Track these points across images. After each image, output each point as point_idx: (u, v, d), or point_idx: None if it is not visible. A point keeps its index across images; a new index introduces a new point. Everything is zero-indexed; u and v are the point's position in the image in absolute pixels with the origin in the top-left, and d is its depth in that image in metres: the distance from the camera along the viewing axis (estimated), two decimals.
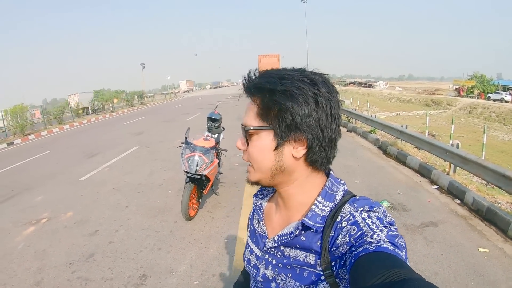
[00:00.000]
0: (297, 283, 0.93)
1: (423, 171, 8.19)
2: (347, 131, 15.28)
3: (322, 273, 0.88)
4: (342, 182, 0.99)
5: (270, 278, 1.01)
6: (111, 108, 34.98)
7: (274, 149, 0.89)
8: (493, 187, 7.59)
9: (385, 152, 10.80)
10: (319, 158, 0.91)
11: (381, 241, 0.75)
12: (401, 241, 0.78)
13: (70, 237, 5.60)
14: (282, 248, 0.98)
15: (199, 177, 5.45)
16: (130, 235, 5.47)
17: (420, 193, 6.87)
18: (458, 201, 6.43)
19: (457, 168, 7.78)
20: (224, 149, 6.33)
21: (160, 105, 40.42)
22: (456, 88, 54.50)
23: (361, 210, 0.86)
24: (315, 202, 0.93)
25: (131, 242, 5.25)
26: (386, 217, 0.85)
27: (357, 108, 24.11)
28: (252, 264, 1.10)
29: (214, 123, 7.53)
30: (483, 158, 8.17)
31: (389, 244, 0.74)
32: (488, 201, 5.94)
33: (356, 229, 0.82)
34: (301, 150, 0.89)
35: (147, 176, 8.63)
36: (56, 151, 13.83)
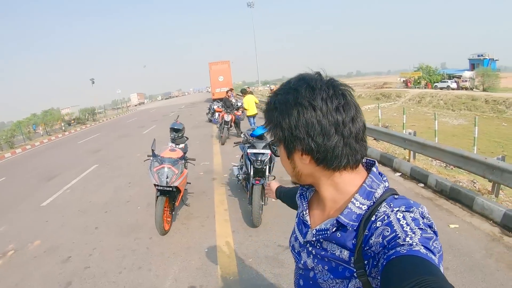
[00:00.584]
0: (331, 276, 0.95)
1: (385, 161, 8.41)
2: None
3: (355, 270, 0.89)
4: (385, 178, 0.98)
5: (310, 267, 1.04)
6: (63, 128, 33.80)
7: (288, 158, 0.99)
8: (452, 168, 7.91)
9: None
10: (331, 161, 0.91)
11: (414, 244, 0.74)
12: (436, 243, 0.77)
13: (42, 267, 5.17)
14: (321, 240, 1.00)
15: (170, 189, 5.33)
16: (105, 258, 5.16)
17: None
18: (422, 185, 6.65)
19: (417, 154, 8.06)
20: (192, 159, 6.21)
21: (114, 120, 39.15)
22: (403, 80, 56.09)
23: (397, 211, 0.85)
24: (352, 199, 0.93)
25: (108, 264, 4.95)
26: (423, 218, 0.83)
27: None
28: (296, 251, 1.14)
29: (177, 133, 7.47)
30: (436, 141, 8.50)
31: (422, 247, 0.73)
32: (450, 181, 6.21)
33: (389, 230, 0.81)
34: (305, 158, 0.93)
35: (112, 194, 8.33)
36: (11, 177, 13.08)
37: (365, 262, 0.86)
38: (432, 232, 0.80)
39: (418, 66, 54.03)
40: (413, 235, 0.76)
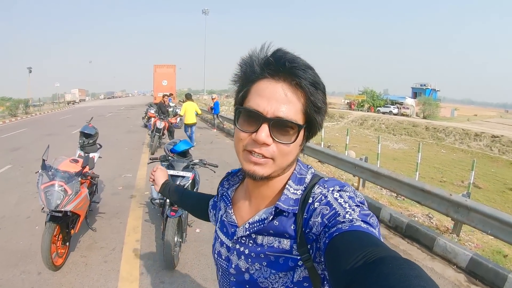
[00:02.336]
0: (273, 271, 0.92)
1: None
2: None
3: (299, 257, 0.88)
4: (310, 166, 1.02)
5: (243, 270, 0.99)
6: None
7: (300, 144, 0.93)
8: (403, 199, 7.23)
9: None
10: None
11: (354, 220, 0.75)
12: (373, 219, 0.78)
13: None
14: (254, 236, 0.97)
15: (61, 214, 4.08)
16: None
17: None
18: None
19: (366, 181, 7.41)
20: (95, 175, 4.98)
21: (47, 115, 36.47)
22: (347, 102, 57.87)
23: (332, 190, 0.87)
24: (287, 186, 0.95)
25: None
26: (356, 196, 0.85)
27: None
28: (223, 257, 1.07)
29: (88, 139, 6.19)
30: (378, 166, 7.83)
31: (362, 223, 0.74)
32: (406, 217, 5.65)
33: (328, 209, 0.82)
34: (304, 142, 0.94)
35: (13, 206, 6.79)
36: None
37: (308, 246, 0.86)
38: (367, 209, 0.81)
39: (363, 90, 56.08)
40: (352, 211, 0.78)
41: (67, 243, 4.45)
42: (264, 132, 0.83)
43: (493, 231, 4.52)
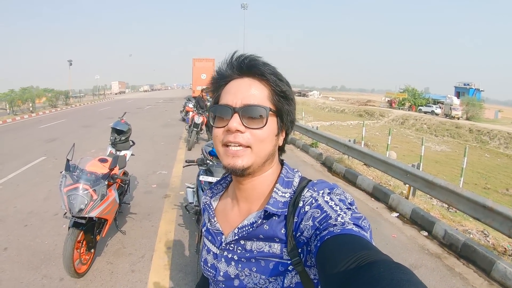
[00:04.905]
0: (263, 276, 0.90)
1: (379, 195, 7.19)
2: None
3: (289, 262, 0.87)
4: (296, 170, 1.03)
5: (233, 276, 0.97)
6: (30, 109, 31.27)
7: (276, 134, 0.95)
8: (455, 211, 6.71)
9: (330, 169, 9.72)
10: (284, 147, 1.03)
11: (346, 223, 0.75)
12: (365, 222, 0.78)
13: None
14: (242, 242, 0.96)
15: (84, 221, 3.80)
16: None
17: (381, 225, 5.79)
18: (426, 233, 5.57)
19: (417, 190, 6.84)
20: (126, 179, 4.72)
21: (87, 106, 37.25)
22: (388, 100, 56.38)
23: (322, 193, 0.87)
24: (274, 189, 0.94)
25: None
26: (347, 199, 0.86)
27: None
28: (209, 265, 1.05)
29: (120, 135, 5.94)
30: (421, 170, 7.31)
31: (354, 226, 0.74)
32: (463, 235, 5.16)
33: (320, 212, 0.82)
34: (282, 139, 0.99)
35: (42, 200, 6.69)
36: None
37: (299, 250, 0.85)
38: (359, 212, 0.81)
39: (404, 88, 54.47)
40: (344, 214, 0.78)
41: (92, 250, 4.20)
42: (235, 121, 0.88)
43: None
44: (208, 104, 13.28)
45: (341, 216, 0.77)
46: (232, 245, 0.98)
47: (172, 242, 4.91)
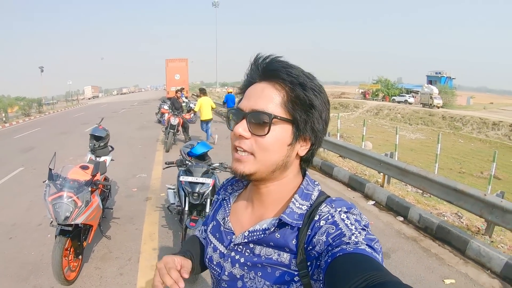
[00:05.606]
0: (267, 283, 0.90)
1: (355, 185, 7.38)
2: None
3: (296, 273, 0.86)
4: (317, 183, 1.00)
5: (238, 277, 0.96)
6: (4, 119, 30.46)
7: (289, 144, 0.90)
8: (430, 196, 6.95)
9: None
10: (311, 158, 0.98)
11: (359, 243, 0.74)
12: (377, 244, 0.77)
13: None
14: (252, 245, 0.95)
15: (71, 228, 3.82)
16: None
17: None
18: (401, 219, 5.76)
19: (391, 177, 7.06)
20: (107, 184, 4.76)
21: (61, 113, 36.52)
22: (362, 92, 57.07)
23: (340, 211, 0.86)
24: (292, 200, 0.93)
25: None
26: (362, 220, 0.84)
27: None
28: (215, 263, 1.04)
29: (99, 141, 5.93)
30: (395, 159, 7.54)
31: (367, 247, 0.74)
32: (437, 218, 5.40)
33: (334, 228, 0.81)
34: (304, 149, 0.94)
35: (25, 211, 6.58)
36: None
37: (308, 263, 0.84)
38: (373, 234, 0.81)
39: (377, 79, 55.27)
40: (358, 234, 0.77)
41: (80, 256, 4.22)
42: (241, 126, 0.88)
43: None
44: (184, 104, 13.25)
45: (355, 235, 0.77)
46: (241, 246, 0.97)
47: (157, 243, 4.95)
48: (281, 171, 0.93)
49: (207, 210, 4.13)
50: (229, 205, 1.09)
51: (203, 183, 4.13)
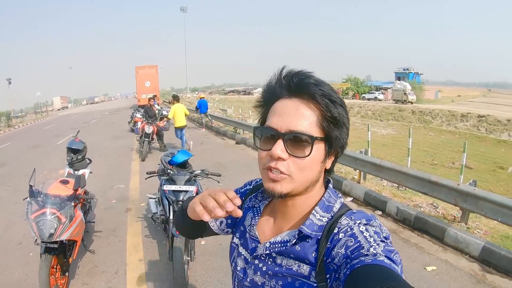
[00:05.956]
0: None
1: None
2: (236, 143, 14.25)
3: (315, 285, 0.86)
4: (340, 195, 1.00)
5: (259, 284, 0.98)
6: None
7: (322, 161, 0.90)
8: (405, 189, 7.14)
9: None
10: (333, 169, 0.98)
11: (378, 254, 0.74)
12: (396, 256, 0.77)
13: None
14: (274, 255, 0.95)
15: (56, 245, 3.72)
16: None
17: None
18: (380, 213, 5.94)
19: (367, 174, 7.26)
20: (90, 197, 4.68)
21: (31, 126, 35.57)
22: None
23: (359, 223, 0.86)
24: (313, 211, 0.93)
25: None
26: (382, 232, 0.84)
27: (240, 116, 23.97)
28: (239, 268, 1.06)
29: (76, 154, 5.80)
30: (369, 155, 7.82)
31: (385, 258, 0.74)
32: (414, 209, 5.59)
33: (353, 241, 0.81)
34: (330, 162, 0.94)
35: (3, 231, 6.31)
36: None
37: (327, 276, 0.84)
38: (391, 245, 0.81)
39: (346, 78, 55.92)
40: (377, 246, 0.77)
41: (67, 273, 4.11)
42: (279, 147, 0.85)
43: (504, 218, 4.48)
44: (157, 112, 13.14)
45: (373, 247, 0.77)
46: (263, 256, 0.98)
47: (143, 254, 4.88)
48: (313, 186, 0.93)
49: None
50: (259, 213, 1.08)
51: (186, 191, 4.11)
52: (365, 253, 0.75)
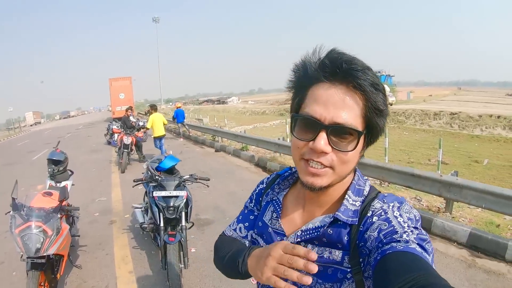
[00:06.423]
0: (319, 281, 0.89)
1: None
2: (216, 151, 14.23)
3: (349, 269, 0.85)
4: (366, 178, 0.98)
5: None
6: None
7: (360, 151, 0.88)
8: (388, 185, 7.24)
9: (265, 169, 10.04)
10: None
11: (410, 241, 0.74)
12: (428, 245, 0.76)
13: None
14: (303, 244, 0.93)
15: (43, 260, 3.54)
16: None
17: None
18: None
19: None
20: (75, 208, 4.56)
21: (3, 143, 34.26)
22: None
23: (392, 206, 0.85)
24: (346, 196, 0.91)
25: None
26: (415, 216, 0.83)
27: (216, 124, 24.13)
28: None
29: (57, 166, 5.63)
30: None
31: (417, 246, 0.73)
32: None
33: (387, 225, 0.80)
34: (364, 149, 0.90)
35: None
36: None
37: (360, 259, 0.83)
38: (425, 234, 0.79)
39: None
40: (411, 233, 0.76)
41: None
42: (322, 140, 0.80)
43: (487, 204, 4.68)
44: (134, 122, 13.00)
45: (407, 233, 0.76)
46: (295, 242, 0.94)
47: (132, 266, 4.74)
48: (349, 175, 0.92)
49: (183, 223, 4.05)
50: (280, 205, 1.05)
51: (177, 196, 4.05)
52: (398, 238, 0.75)
